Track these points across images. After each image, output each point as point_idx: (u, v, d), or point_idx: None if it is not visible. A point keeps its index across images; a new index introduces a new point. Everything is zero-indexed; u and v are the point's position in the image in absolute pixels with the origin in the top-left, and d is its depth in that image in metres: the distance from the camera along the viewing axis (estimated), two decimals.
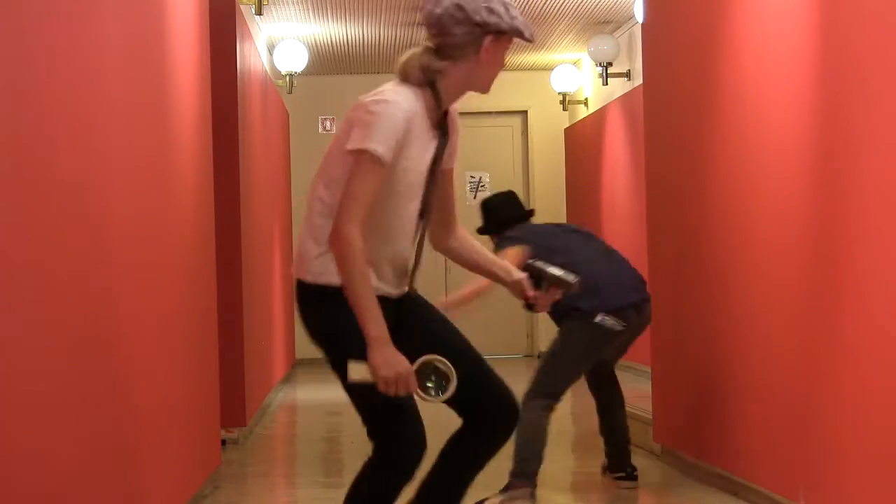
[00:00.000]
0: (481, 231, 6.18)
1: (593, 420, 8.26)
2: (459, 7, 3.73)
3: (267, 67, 11.34)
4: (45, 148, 3.39)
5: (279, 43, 12.31)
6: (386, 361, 3.57)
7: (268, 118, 10.69)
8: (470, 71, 3.77)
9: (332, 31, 12.05)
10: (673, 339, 6.70)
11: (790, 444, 5.06)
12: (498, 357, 14.72)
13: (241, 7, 9.00)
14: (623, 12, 11.70)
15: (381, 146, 3.62)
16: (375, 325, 3.58)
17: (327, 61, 13.63)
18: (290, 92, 12.77)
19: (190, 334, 5.79)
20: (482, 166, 14.94)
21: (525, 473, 5.80)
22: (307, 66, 12.61)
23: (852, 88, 4.43)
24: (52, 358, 3.43)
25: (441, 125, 3.81)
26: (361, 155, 3.63)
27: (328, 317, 3.73)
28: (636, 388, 9.65)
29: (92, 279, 3.89)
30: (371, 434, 3.71)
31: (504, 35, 3.77)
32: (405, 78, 3.75)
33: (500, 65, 3.81)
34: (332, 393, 9.66)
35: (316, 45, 12.68)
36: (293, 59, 12.27)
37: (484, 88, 3.82)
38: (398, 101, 3.69)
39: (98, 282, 3.97)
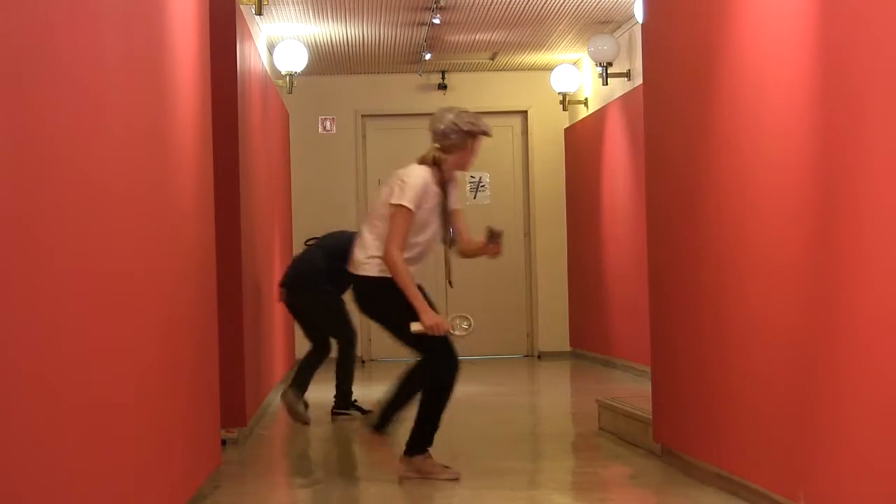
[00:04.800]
0: None
1: (593, 420, 8.29)
2: (453, 123, 6.63)
3: (267, 67, 11.34)
4: (44, 148, 3.40)
5: (279, 43, 12.31)
6: (431, 319, 6.46)
7: (268, 118, 10.69)
8: (460, 158, 6.66)
9: (332, 31, 12.06)
10: (672, 339, 6.70)
11: (790, 443, 5.06)
12: (498, 357, 14.74)
13: (241, 7, 9.00)
14: (623, 12, 11.70)
15: (410, 202, 6.50)
16: (421, 302, 6.48)
17: (327, 61, 13.63)
18: (290, 92, 12.77)
19: (190, 334, 5.80)
20: (482, 166, 14.94)
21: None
22: (307, 66, 12.61)
23: (851, 89, 4.44)
24: (52, 358, 3.43)
25: (443, 186, 6.64)
26: (400, 208, 6.48)
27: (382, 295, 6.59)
28: (636, 388, 9.67)
29: (92, 279, 3.89)
30: (422, 353, 6.57)
31: (479, 136, 6.68)
32: (423, 161, 6.64)
33: (476, 154, 6.77)
34: (332, 393, 9.68)
35: (316, 45, 12.68)
36: (293, 59, 12.27)
37: (467, 169, 6.74)
38: (420, 174, 6.57)
39: (98, 282, 3.97)
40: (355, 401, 9.36)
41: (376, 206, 6.65)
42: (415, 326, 6.47)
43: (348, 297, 8.97)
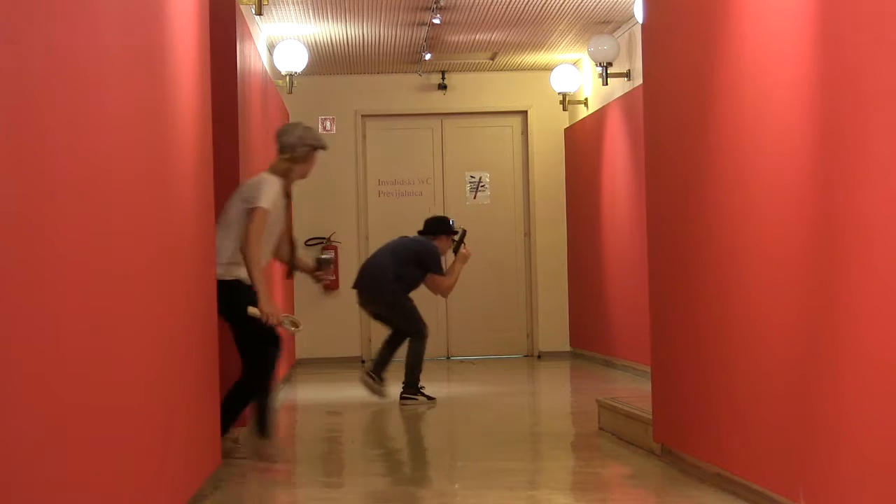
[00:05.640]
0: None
1: (593, 420, 8.29)
2: (301, 137, 7.42)
3: (267, 67, 11.34)
4: (44, 148, 3.40)
5: (279, 43, 12.31)
6: (269, 306, 7.09)
7: (268, 118, 10.69)
8: (303, 169, 7.46)
9: (332, 31, 12.06)
10: (672, 339, 6.71)
11: (790, 443, 5.07)
12: (499, 357, 14.74)
13: (241, 7, 9.00)
14: (623, 12, 11.71)
15: (268, 204, 7.20)
16: (265, 290, 7.13)
17: (327, 61, 13.63)
18: (290, 92, 12.78)
19: (190, 334, 5.80)
20: (482, 166, 14.94)
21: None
22: (307, 66, 12.61)
23: (851, 88, 4.44)
24: (53, 358, 3.43)
25: (287, 196, 7.37)
26: (258, 209, 7.16)
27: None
28: (636, 388, 9.68)
29: (92, 279, 3.89)
30: (251, 354, 7.20)
31: (319, 149, 7.49)
32: (274, 171, 7.36)
33: (314, 165, 7.58)
34: (332, 393, 9.70)
35: (316, 45, 12.68)
36: (293, 59, 12.27)
37: (305, 178, 7.60)
38: (274, 182, 7.28)
39: (98, 282, 3.97)
40: (422, 387, 10.36)
41: (230, 215, 7.20)
42: (252, 310, 7.04)
43: (415, 294, 10.41)
